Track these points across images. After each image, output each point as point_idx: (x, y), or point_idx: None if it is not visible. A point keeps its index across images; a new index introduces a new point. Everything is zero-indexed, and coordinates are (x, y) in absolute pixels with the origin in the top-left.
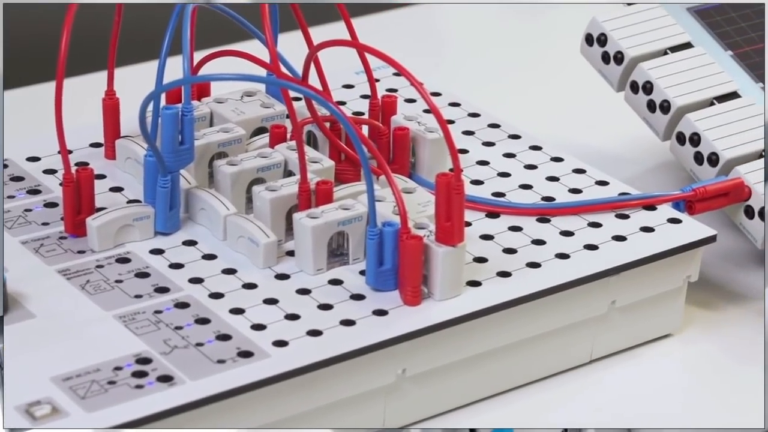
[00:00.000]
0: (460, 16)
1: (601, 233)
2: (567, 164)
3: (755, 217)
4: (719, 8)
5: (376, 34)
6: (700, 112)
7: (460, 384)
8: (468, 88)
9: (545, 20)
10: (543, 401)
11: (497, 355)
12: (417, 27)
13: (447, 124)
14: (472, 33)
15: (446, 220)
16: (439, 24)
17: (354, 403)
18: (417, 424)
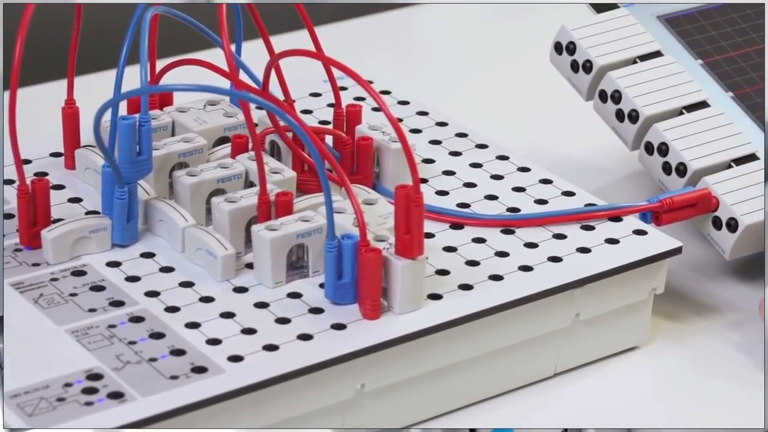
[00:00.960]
0: (438, 21)
1: (565, 245)
2: (534, 174)
3: (723, 228)
4: (690, 16)
5: (353, 39)
6: (669, 122)
7: (420, 399)
8: (441, 96)
9: (522, 26)
10: (504, 415)
11: (459, 369)
12: (395, 32)
13: (405, 134)
14: (448, 39)
15: (405, 232)
16: (416, 30)
17: (311, 419)
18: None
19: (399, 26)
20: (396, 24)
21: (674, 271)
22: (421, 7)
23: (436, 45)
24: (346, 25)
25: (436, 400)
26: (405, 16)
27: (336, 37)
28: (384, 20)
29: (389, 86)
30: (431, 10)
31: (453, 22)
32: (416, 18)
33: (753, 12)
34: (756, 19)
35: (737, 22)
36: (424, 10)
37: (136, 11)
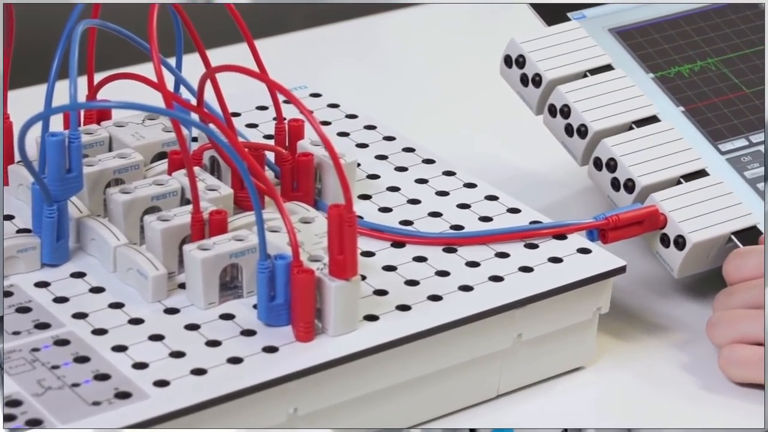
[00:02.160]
0: (402, 30)
1: (507, 264)
2: (480, 191)
3: (671, 245)
4: (642, 29)
5: (317, 47)
6: (618, 137)
7: (355, 423)
8: (395, 108)
9: (480, 39)
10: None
11: (395, 391)
12: (359, 41)
13: (337, 151)
14: (410, 49)
15: (339, 253)
16: (379, 38)
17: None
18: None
19: (363, 35)
20: (360, 32)
21: (624, 288)
22: (386, 15)
23: (399, 55)
24: (315, 33)
25: (372, 424)
26: (369, 25)
27: (304, 44)
28: (349, 28)
29: (339, 99)
30: (395, 19)
31: (416, 32)
32: (380, 27)
33: (706, 25)
34: (709, 32)
35: (690, 36)
36: (388, 18)
37: (68, 24)
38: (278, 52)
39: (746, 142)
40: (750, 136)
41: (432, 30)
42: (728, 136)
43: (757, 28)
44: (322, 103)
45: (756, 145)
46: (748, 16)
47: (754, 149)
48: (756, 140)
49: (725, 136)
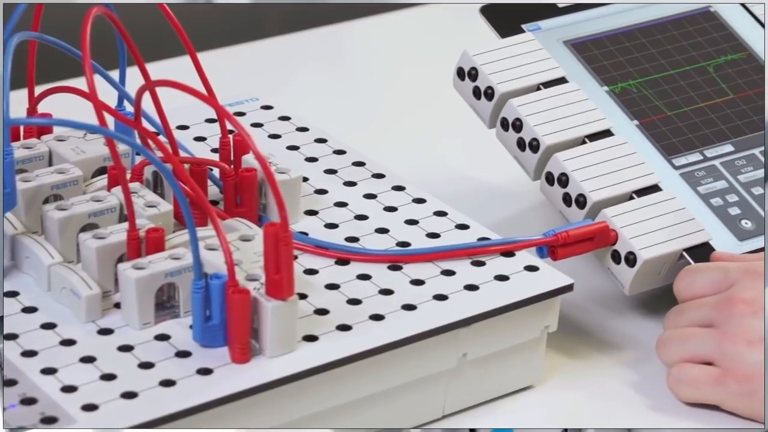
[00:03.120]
0: (366, 39)
1: (453, 282)
2: (429, 206)
3: (622, 262)
4: (597, 42)
5: (285, 55)
6: (570, 152)
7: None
8: (352, 120)
9: (439, 52)
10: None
11: (335, 413)
12: (325, 50)
13: (271, 167)
14: (373, 59)
15: (275, 272)
16: (343, 48)
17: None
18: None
19: (331, 43)
20: (329, 40)
21: (577, 304)
22: (354, 23)
23: (362, 65)
24: (284, 40)
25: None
26: (337, 33)
27: (273, 52)
28: (317, 36)
29: (298, 111)
30: (363, 26)
31: (381, 42)
32: (347, 35)
33: (662, 37)
34: (665, 45)
35: (646, 48)
36: (357, 26)
37: (4, 35)
38: (246, 60)
39: (700, 157)
40: (704, 151)
41: (397, 40)
42: (682, 151)
43: (714, 41)
44: (273, 115)
45: (710, 160)
46: (705, 28)
47: (708, 164)
48: (710, 155)
49: (679, 150)
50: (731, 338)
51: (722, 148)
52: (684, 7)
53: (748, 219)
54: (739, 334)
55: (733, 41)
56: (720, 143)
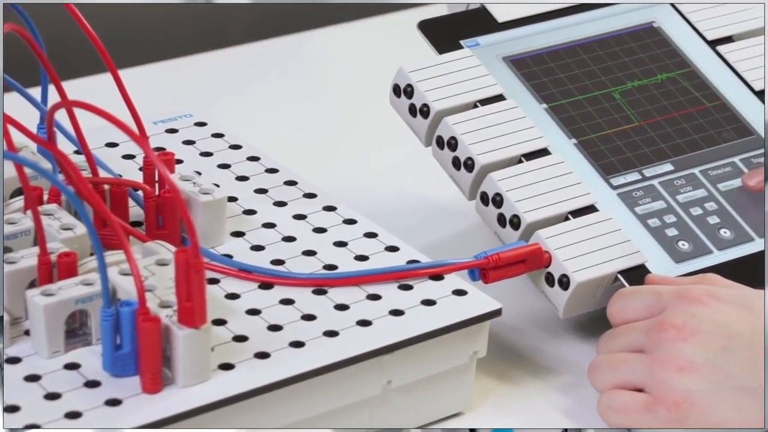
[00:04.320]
0: (319, 52)
1: (378, 307)
2: (359, 227)
3: (556, 285)
4: (537, 58)
5: (237, 66)
6: (505, 171)
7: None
8: (291, 135)
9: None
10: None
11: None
12: (276, 62)
13: (180, 190)
14: (318, 73)
15: (187, 300)
16: (294, 59)
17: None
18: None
19: (284, 54)
20: (284, 51)
21: (513, 326)
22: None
23: (309, 78)
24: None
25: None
26: (292, 43)
27: (228, 62)
28: (272, 47)
29: (237, 127)
30: (318, 37)
31: (332, 55)
32: (302, 46)
33: (604, 53)
34: (607, 61)
35: (587, 64)
36: (313, 36)
37: None
38: (197, 71)
39: (639, 176)
40: (643, 170)
41: (350, 52)
42: (621, 170)
43: (656, 57)
44: (206, 132)
45: (649, 179)
46: (648, 44)
47: (646, 183)
48: (649, 174)
49: (617, 169)
50: (661, 364)
51: (661, 167)
52: (627, 22)
53: (686, 240)
54: (669, 360)
55: (676, 57)
56: (659, 162)
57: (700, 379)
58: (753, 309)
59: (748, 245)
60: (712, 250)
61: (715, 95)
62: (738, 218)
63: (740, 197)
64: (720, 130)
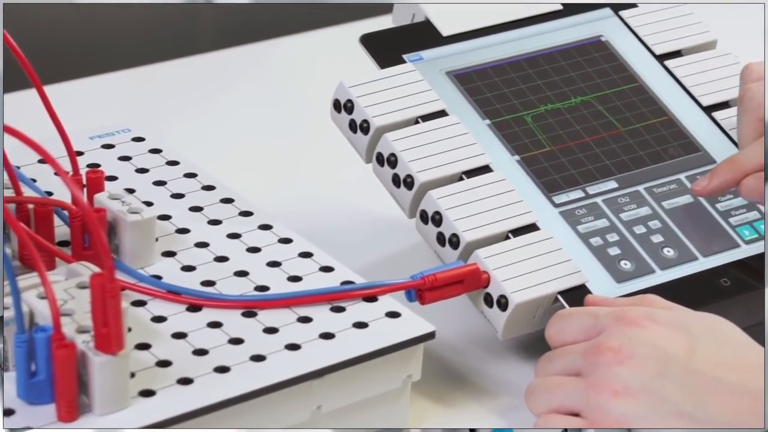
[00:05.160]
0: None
1: (309, 330)
2: (294, 247)
3: (494, 306)
4: (482, 72)
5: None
6: (445, 189)
7: None
8: (235, 150)
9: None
10: None
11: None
12: (229, 72)
13: (89, 209)
14: (269, 84)
15: (103, 325)
16: (246, 70)
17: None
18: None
19: (236, 64)
20: (236, 61)
21: (454, 346)
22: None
23: (261, 90)
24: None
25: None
26: (247, 54)
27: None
28: (224, 57)
29: (162, 144)
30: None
31: (288, 65)
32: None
33: (550, 68)
34: (553, 76)
35: (532, 79)
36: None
37: None
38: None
39: (582, 194)
40: (587, 187)
41: (304, 63)
42: (564, 188)
43: (604, 71)
44: (143, 148)
45: (592, 197)
46: (595, 58)
47: (589, 201)
48: (593, 192)
49: (561, 187)
50: (597, 389)
51: (606, 184)
52: (574, 35)
53: (628, 260)
54: (604, 384)
55: (623, 72)
56: (603, 180)
57: (635, 403)
58: (691, 332)
59: (691, 264)
60: (654, 270)
61: (663, 111)
62: (682, 237)
63: (685, 215)
64: (666, 146)
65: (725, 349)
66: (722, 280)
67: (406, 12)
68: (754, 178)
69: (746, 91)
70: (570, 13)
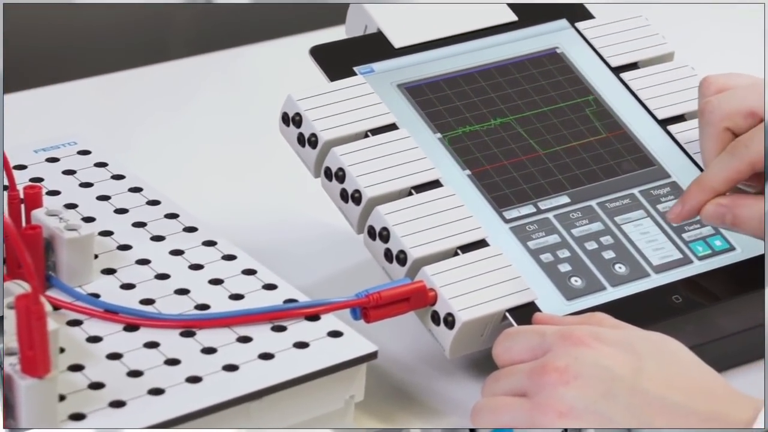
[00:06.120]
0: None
1: (248, 350)
2: (238, 263)
3: (441, 324)
4: (434, 85)
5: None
6: (393, 204)
7: None
8: (185, 162)
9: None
10: None
11: None
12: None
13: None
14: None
15: (29, 348)
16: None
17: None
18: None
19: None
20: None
21: (404, 363)
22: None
23: (212, 102)
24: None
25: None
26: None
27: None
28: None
29: (113, 157)
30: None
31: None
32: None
33: (504, 80)
34: (506, 88)
35: (485, 92)
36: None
37: None
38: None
39: (534, 209)
40: (538, 203)
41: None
42: (515, 203)
43: (558, 84)
44: (89, 161)
45: (544, 212)
46: (550, 70)
47: (541, 217)
48: (544, 207)
49: (512, 202)
50: (542, 410)
51: (558, 199)
52: (529, 47)
53: (579, 276)
54: (549, 405)
55: (578, 84)
56: (556, 194)
57: (581, 424)
58: (638, 352)
59: (643, 281)
60: (605, 287)
61: (617, 124)
62: (634, 253)
63: (637, 230)
64: (620, 160)
65: (672, 369)
66: (674, 297)
67: (359, 23)
68: (713, 205)
69: (706, 104)
70: (525, 25)
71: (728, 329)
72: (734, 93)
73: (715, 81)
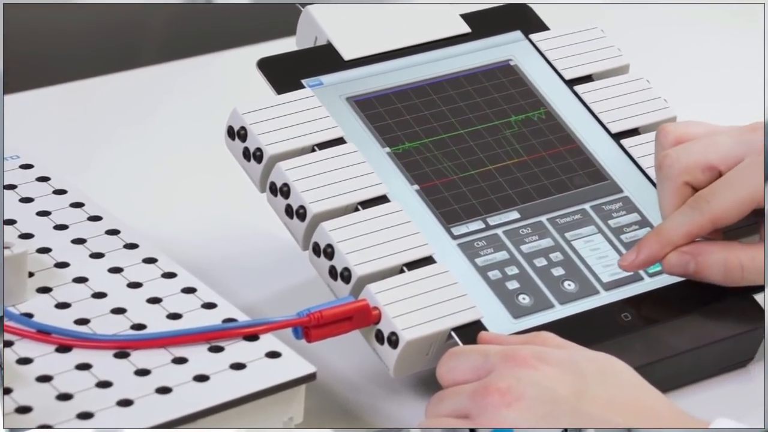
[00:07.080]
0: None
1: (183, 371)
2: (178, 281)
3: (385, 343)
4: (383, 98)
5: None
6: (338, 221)
7: None
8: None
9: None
10: None
11: None
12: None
13: None
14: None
15: None
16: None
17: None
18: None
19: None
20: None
21: (351, 382)
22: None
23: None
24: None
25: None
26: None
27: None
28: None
29: (50, 172)
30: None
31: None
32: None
33: (455, 93)
34: (458, 101)
35: (436, 105)
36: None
37: None
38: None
39: (482, 225)
40: (487, 218)
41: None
42: (463, 218)
43: (511, 97)
44: (31, 176)
45: (492, 228)
46: (503, 83)
47: (490, 233)
48: (493, 223)
49: (460, 218)
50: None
51: (507, 215)
52: (482, 59)
53: (527, 294)
54: (491, 427)
55: (531, 97)
56: (505, 210)
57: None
58: (581, 372)
59: (592, 299)
60: (554, 304)
61: (570, 138)
62: (583, 269)
63: (588, 246)
64: (572, 175)
65: (616, 390)
66: (623, 315)
67: (309, 34)
68: (676, 254)
69: (664, 158)
70: (479, 37)
71: (678, 348)
72: (692, 146)
73: (673, 131)
